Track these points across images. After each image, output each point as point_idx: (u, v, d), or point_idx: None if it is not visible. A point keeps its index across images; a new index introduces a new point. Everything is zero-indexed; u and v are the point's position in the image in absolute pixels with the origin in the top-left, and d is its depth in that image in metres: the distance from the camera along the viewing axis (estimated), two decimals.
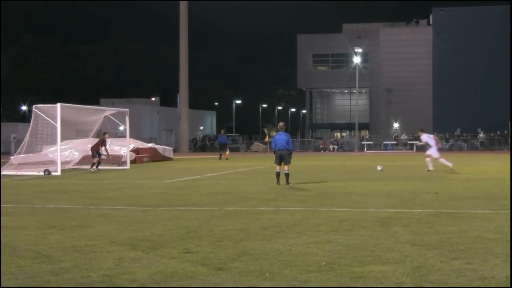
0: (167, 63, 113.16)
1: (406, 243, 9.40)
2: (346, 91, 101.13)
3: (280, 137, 20.48)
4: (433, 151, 27.34)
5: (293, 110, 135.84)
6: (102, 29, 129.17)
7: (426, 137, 28.17)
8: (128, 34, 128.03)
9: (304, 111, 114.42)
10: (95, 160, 31.93)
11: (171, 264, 8.07)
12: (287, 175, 20.45)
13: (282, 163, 20.47)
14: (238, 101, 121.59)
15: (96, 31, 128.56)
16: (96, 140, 33.79)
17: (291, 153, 20.62)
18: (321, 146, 71.97)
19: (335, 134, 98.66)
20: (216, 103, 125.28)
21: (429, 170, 26.95)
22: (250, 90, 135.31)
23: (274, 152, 20.70)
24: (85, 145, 34.87)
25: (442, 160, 27.04)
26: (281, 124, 21.34)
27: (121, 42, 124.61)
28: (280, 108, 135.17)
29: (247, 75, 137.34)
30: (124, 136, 38.76)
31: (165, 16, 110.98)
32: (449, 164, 26.64)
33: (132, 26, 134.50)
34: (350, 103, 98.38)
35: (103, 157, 32.56)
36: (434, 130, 69.25)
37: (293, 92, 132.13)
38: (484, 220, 11.87)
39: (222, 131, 50.71)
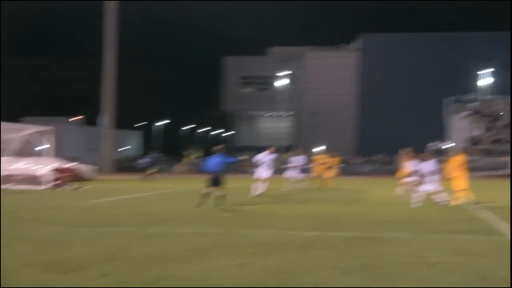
0: (93, 81, 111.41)
1: (325, 266, 9.47)
2: (271, 114, 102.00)
3: (213, 159, 20.65)
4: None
5: (217, 131, 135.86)
6: (28, 44, 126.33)
7: None
8: (55, 50, 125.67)
9: (229, 133, 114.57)
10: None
11: (87, 287, 7.88)
12: (219, 197, 20.42)
13: (214, 186, 20.46)
14: (164, 122, 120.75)
15: (22, 45, 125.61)
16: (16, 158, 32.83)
17: (224, 175, 20.67)
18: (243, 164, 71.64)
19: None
20: (142, 123, 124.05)
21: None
22: (177, 110, 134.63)
23: (207, 173, 20.76)
24: (4, 164, 33.82)
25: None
26: (217, 147, 21.47)
27: (46, 58, 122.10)
28: (205, 129, 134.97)
29: (175, 96, 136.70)
30: (46, 155, 37.82)
31: (93, 32, 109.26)
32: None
33: (59, 41, 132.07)
34: (275, 125, 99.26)
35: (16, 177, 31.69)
36: (359, 153, 70.55)
37: (219, 113, 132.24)
38: (403, 244, 12.06)
39: (149, 152, 50.19)
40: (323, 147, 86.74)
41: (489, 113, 63.85)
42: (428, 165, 21.72)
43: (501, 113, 63.24)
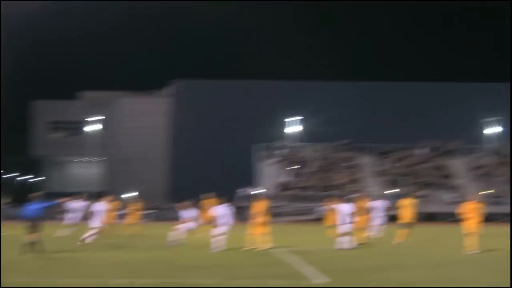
0: None
1: None
2: (82, 159, 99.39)
3: (30, 206, 20.75)
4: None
5: (26, 177, 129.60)
6: None
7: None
8: None
9: (38, 179, 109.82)
10: None
11: None
12: (33, 244, 20.12)
13: (32, 232, 20.36)
14: None
15: None
16: None
17: (41, 221, 20.66)
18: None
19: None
20: None
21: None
22: None
23: (26, 221, 20.71)
24: None
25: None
26: (33, 194, 21.61)
27: None
28: (12, 175, 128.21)
29: None
30: None
31: None
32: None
33: None
34: (86, 171, 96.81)
35: None
36: (172, 199, 70.52)
37: (26, 159, 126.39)
38: None
39: None
40: (135, 193, 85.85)
41: (297, 159, 66.99)
42: (221, 210, 22.58)
43: (308, 160, 66.61)
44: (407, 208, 25.93)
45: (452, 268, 16.89)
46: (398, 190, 63.04)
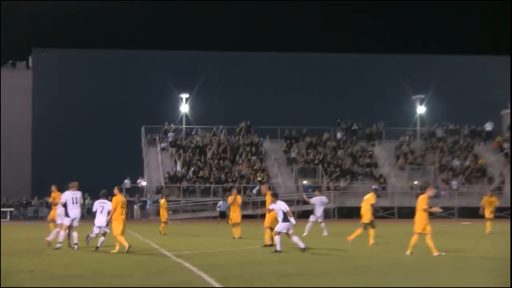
0: None
1: None
2: None
3: None
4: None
5: None
6: None
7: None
8: None
9: None
10: None
11: None
12: None
13: None
14: None
15: None
16: None
17: None
18: None
19: None
20: None
21: None
22: None
23: None
24: None
25: None
26: None
27: None
28: None
29: None
30: None
31: None
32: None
33: None
34: None
35: None
36: (33, 195, 68.50)
37: None
38: None
39: None
40: None
41: (193, 145, 66.15)
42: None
43: (207, 146, 65.89)
44: (366, 205, 25.89)
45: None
46: (314, 180, 64.12)
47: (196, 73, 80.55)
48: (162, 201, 36.36)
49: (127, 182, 62.24)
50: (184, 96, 72.64)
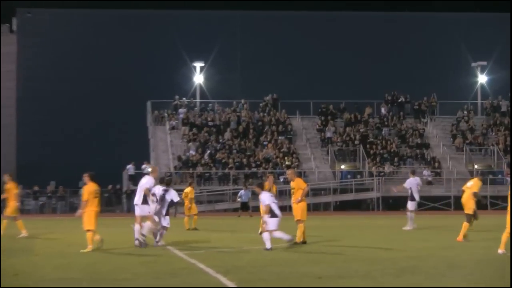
0: None
1: None
2: None
3: None
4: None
5: None
6: None
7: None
8: None
9: None
10: None
11: None
12: None
13: None
14: None
15: None
16: None
17: None
18: None
19: None
20: None
21: None
22: None
23: None
24: None
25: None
26: None
27: None
28: None
29: None
30: None
31: None
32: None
33: None
34: None
35: None
36: (19, 180, 68.46)
37: None
38: None
39: None
40: None
41: (209, 123, 65.98)
42: None
43: (226, 125, 65.61)
44: (469, 193, 25.90)
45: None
46: (353, 165, 64.01)
47: (213, 38, 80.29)
48: (189, 189, 35.78)
49: (130, 168, 62.42)
50: (198, 64, 72.69)
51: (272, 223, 22.46)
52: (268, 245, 22.25)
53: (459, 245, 22.28)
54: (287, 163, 61.49)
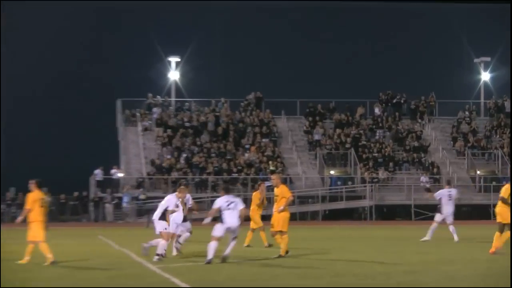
0: None
1: None
2: None
3: None
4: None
5: None
6: None
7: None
8: None
9: None
10: None
11: None
12: None
13: None
14: None
15: None
16: None
17: None
18: None
19: None
20: None
21: None
22: None
23: None
24: None
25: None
26: None
27: None
28: None
29: None
30: None
31: None
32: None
33: None
34: None
35: None
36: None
37: None
38: None
39: None
40: None
41: (185, 124, 65.88)
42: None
43: (204, 126, 65.56)
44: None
45: None
46: (344, 170, 63.96)
47: (190, 30, 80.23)
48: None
49: (98, 173, 62.06)
50: (174, 59, 72.39)
51: (218, 229, 22.50)
52: (209, 255, 22.33)
53: (459, 259, 22.17)
54: (271, 168, 61.31)
